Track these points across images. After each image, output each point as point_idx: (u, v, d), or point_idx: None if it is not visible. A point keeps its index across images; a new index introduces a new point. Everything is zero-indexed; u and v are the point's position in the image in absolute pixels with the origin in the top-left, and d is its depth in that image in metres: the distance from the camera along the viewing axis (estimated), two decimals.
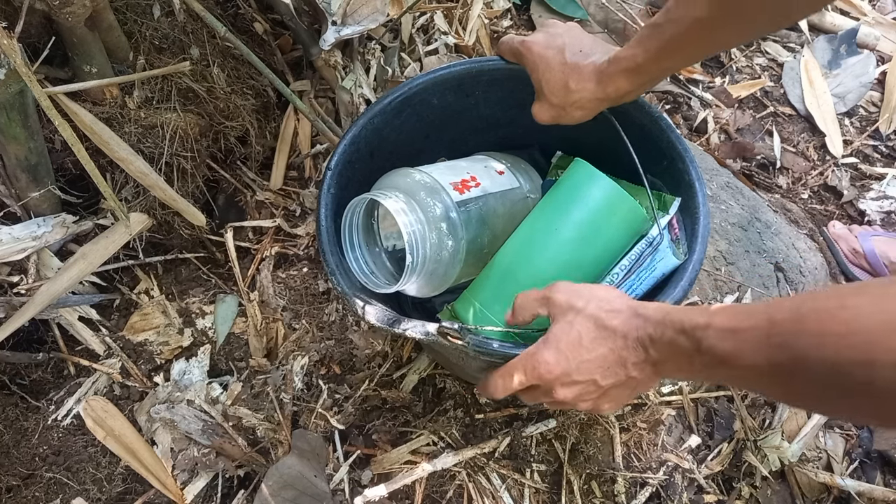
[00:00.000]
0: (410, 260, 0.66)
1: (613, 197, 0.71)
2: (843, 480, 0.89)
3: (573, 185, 0.74)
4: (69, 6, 0.75)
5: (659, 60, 0.63)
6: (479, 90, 0.83)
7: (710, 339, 0.46)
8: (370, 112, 0.78)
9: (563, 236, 0.72)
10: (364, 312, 0.65)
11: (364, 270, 0.70)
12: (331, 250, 0.69)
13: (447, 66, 0.81)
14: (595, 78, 0.68)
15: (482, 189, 0.75)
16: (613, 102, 0.70)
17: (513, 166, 0.83)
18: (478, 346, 0.60)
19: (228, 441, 0.90)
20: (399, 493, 0.87)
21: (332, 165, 0.74)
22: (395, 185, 0.71)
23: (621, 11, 1.41)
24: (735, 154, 1.28)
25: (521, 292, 0.64)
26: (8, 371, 0.94)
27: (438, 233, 0.69)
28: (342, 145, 0.75)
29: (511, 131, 0.90)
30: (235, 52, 1.02)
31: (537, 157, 0.92)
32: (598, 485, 0.89)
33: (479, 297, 0.75)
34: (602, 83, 0.68)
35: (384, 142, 0.80)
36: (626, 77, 0.66)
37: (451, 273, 0.72)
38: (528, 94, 0.83)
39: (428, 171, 0.73)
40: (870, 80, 1.36)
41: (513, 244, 0.75)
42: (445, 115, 0.85)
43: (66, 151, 0.91)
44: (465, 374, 0.91)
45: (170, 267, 1.07)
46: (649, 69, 0.65)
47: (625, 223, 0.73)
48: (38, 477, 0.88)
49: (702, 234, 0.69)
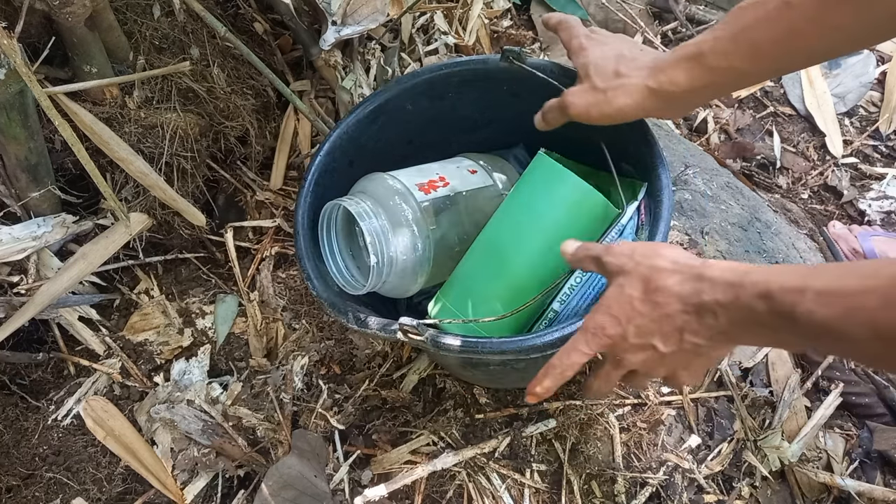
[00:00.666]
0: (375, 261, 0.69)
1: (577, 191, 0.70)
2: (843, 480, 0.88)
3: (537, 180, 0.73)
4: (69, 6, 0.75)
5: (727, 54, 0.54)
6: (450, 92, 0.84)
7: (807, 305, 0.40)
8: (344, 122, 0.80)
9: (530, 231, 0.71)
10: (341, 318, 0.67)
11: (343, 274, 0.73)
12: (307, 256, 0.72)
13: (415, 73, 0.82)
14: (650, 64, 0.60)
15: (451, 188, 0.77)
16: (664, 100, 0.60)
17: (488, 165, 0.84)
18: (434, 341, 0.61)
19: (228, 441, 0.90)
20: (399, 493, 0.87)
21: (309, 175, 0.76)
22: (363, 190, 0.74)
23: (621, 11, 1.41)
24: (735, 154, 1.28)
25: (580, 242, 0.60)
26: (8, 371, 0.94)
27: (411, 234, 0.71)
28: (318, 156, 0.77)
29: (492, 131, 0.90)
30: (235, 52, 1.02)
31: (522, 156, 0.92)
32: (598, 485, 0.89)
33: (448, 295, 0.76)
34: (656, 71, 0.59)
35: (363, 150, 0.81)
36: (684, 67, 0.57)
37: (421, 272, 0.74)
38: (503, 94, 0.83)
39: (396, 175, 0.75)
40: (870, 80, 1.36)
41: (480, 241, 0.76)
42: (423, 120, 0.85)
43: (66, 151, 0.91)
44: (459, 374, 0.91)
45: (170, 267, 1.07)
46: (714, 62, 0.55)
47: (590, 215, 0.72)
48: (38, 477, 0.88)
49: (664, 218, 0.67)
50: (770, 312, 0.43)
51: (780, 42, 0.52)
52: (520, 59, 0.77)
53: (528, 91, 0.80)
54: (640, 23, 1.40)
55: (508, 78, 0.81)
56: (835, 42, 0.52)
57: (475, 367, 0.79)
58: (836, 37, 0.51)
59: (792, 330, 0.42)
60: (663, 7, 1.46)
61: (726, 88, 0.59)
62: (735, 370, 0.98)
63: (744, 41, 0.53)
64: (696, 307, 0.48)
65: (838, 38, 0.51)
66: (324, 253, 0.74)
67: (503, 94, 0.77)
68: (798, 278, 0.42)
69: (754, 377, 0.98)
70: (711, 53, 0.55)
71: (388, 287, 0.74)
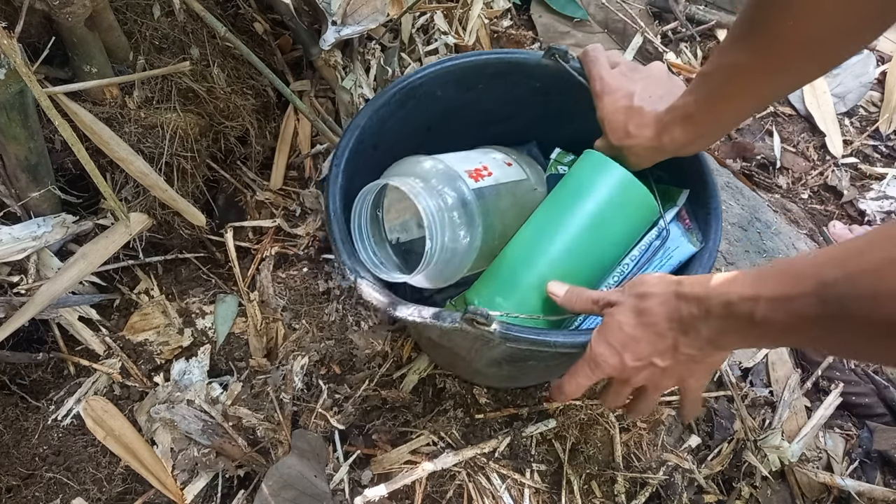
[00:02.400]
0: (430, 245, 0.64)
1: (626, 185, 0.71)
2: (843, 480, 0.89)
3: (585, 175, 0.73)
4: (69, 6, 0.75)
5: (709, 111, 0.61)
6: (481, 83, 0.83)
7: (762, 311, 0.45)
8: (376, 103, 0.77)
9: (575, 226, 0.71)
10: (396, 310, 0.63)
11: (374, 261, 0.69)
12: (342, 239, 0.68)
13: (451, 58, 0.80)
14: (654, 125, 0.66)
15: (494, 178, 0.74)
16: (670, 154, 0.68)
17: (519, 159, 0.83)
18: (504, 332, 0.59)
19: (228, 441, 0.90)
20: (399, 493, 0.87)
21: (340, 154, 0.73)
22: (410, 172, 0.70)
23: (621, 11, 1.41)
24: (735, 154, 1.28)
25: (572, 286, 0.65)
26: (8, 371, 0.94)
27: (453, 221, 0.67)
28: (348, 135, 0.74)
29: (509, 127, 0.90)
30: (235, 52, 1.02)
31: (535, 153, 0.92)
32: (598, 485, 0.89)
33: (489, 289, 0.74)
34: (658, 132, 0.66)
35: (387, 133, 0.79)
36: (681, 127, 0.64)
37: (465, 263, 0.71)
38: (529, 90, 0.83)
39: (441, 158, 0.72)
40: (870, 80, 1.36)
41: (524, 235, 0.75)
42: (448, 108, 0.84)
43: (66, 151, 0.91)
44: (468, 373, 0.91)
45: (170, 267, 1.07)
46: (701, 119, 0.62)
47: (636, 212, 0.72)
48: (38, 477, 0.88)
49: (714, 220, 0.70)
50: (737, 319, 0.47)
51: (748, 92, 0.58)
52: (565, 59, 0.77)
53: (559, 91, 0.80)
54: (640, 23, 1.40)
55: (543, 75, 0.81)
56: (798, 82, 0.59)
57: (513, 362, 0.76)
58: (797, 77, 0.57)
59: (763, 333, 0.46)
60: (663, 7, 1.46)
61: (724, 131, 0.66)
62: (735, 370, 0.98)
63: (719, 99, 0.59)
64: (679, 323, 0.52)
65: (798, 77, 0.57)
66: (358, 240, 0.69)
67: (531, 92, 0.76)
68: (750, 287, 0.46)
69: (754, 377, 0.98)
70: (698, 113, 0.62)
71: (430, 276, 0.70)
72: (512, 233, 0.76)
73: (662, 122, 0.65)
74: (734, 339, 0.50)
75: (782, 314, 0.44)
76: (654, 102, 0.66)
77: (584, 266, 0.72)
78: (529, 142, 0.93)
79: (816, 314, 0.41)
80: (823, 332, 0.42)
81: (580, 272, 0.71)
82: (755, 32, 0.53)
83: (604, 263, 0.73)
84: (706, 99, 0.60)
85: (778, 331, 0.45)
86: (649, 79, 0.69)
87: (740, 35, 0.55)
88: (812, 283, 0.41)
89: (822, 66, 0.55)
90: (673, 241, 0.73)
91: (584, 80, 0.74)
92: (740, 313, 0.46)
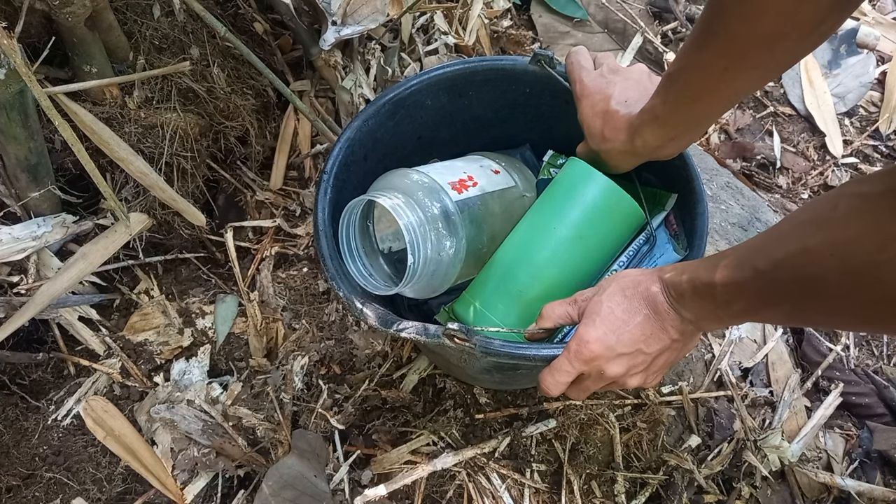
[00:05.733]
0: (412, 260, 0.65)
1: (610, 194, 0.71)
2: (843, 480, 0.89)
3: (570, 184, 0.74)
4: (69, 6, 0.75)
5: (677, 112, 0.61)
6: (472, 90, 0.83)
7: (721, 296, 0.48)
8: (364, 114, 0.77)
9: (562, 234, 0.72)
10: (366, 317, 0.65)
11: (363, 273, 0.69)
12: (330, 255, 0.69)
13: (440, 67, 0.80)
14: (626, 129, 0.66)
15: (480, 188, 0.75)
16: (645, 157, 0.68)
17: (507, 165, 0.83)
18: (484, 346, 0.60)
19: (228, 441, 0.90)
20: (399, 493, 0.87)
21: (329, 168, 0.73)
22: (393, 186, 0.70)
23: (621, 11, 1.41)
24: (735, 154, 1.28)
25: (547, 303, 0.63)
26: (8, 371, 0.94)
27: (437, 233, 0.68)
28: (338, 148, 0.75)
29: (502, 131, 0.90)
30: (235, 52, 1.02)
31: (528, 156, 0.92)
32: (598, 485, 0.89)
33: (479, 298, 0.75)
34: (631, 135, 0.66)
35: (378, 143, 0.80)
36: (651, 129, 0.63)
37: (451, 274, 0.71)
38: (520, 94, 0.82)
39: (425, 171, 0.72)
40: (870, 80, 1.36)
41: (512, 243, 0.75)
42: (439, 117, 0.84)
43: (66, 151, 0.91)
44: (465, 376, 0.91)
45: (170, 267, 1.07)
46: (671, 121, 0.62)
47: (622, 220, 0.73)
48: (38, 477, 0.88)
49: (699, 228, 0.69)
50: (708, 302, 0.50)
51: (715, 90, 0.57)
52: (550, 65, 0.77)
53: (550, 94, 0.81)
54: (640, 23, 1.40)
55: (532, 80, 0.81)
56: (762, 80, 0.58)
57: (501, 370, 0.77)
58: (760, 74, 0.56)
59: (729, 314, 0.50)
60: (663, 7, 1.46)
61: (697, 131, 0.65)
62: (735, 370, 0.98)
63: (687, 99, 0.59)
64: (665, 304, 0.54)
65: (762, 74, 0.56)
66: (346, 253, 0.70)
67: (522, 96, 0.76)
68: (707, 272, 0.49)
69: (754, 377, 0.98)
70: (666, 114, 0.61)
71: (417, 288, 0.70)
72: (501, 240, 0.76)
73: (634, 125, 0.65)
74: (710, 321, 0.53)
75: (738, 297, 0.47)
76: (629, 106, 0.66)
77: (571, 274, 0.72)
78: (523, 144, 0.93)
79: (766, 296, 0.45)
80: (777, 312, 0.47)
81: (567, 280, 0.72)
82: (714, 31, 0.53)
83: (590, 270, 0.74)
84: (674, 100, 0.60)
85: (742, 311, 0.48)
86: (627, 81, 0.68)
87: (700, 34, 0.55)
88: (749, 271, 0.46)
89: (786, 60, 0.54)
90: (658, 248, 0.73)
91: (570, 84, 0.74)
92: (706, 296, 0.50)
